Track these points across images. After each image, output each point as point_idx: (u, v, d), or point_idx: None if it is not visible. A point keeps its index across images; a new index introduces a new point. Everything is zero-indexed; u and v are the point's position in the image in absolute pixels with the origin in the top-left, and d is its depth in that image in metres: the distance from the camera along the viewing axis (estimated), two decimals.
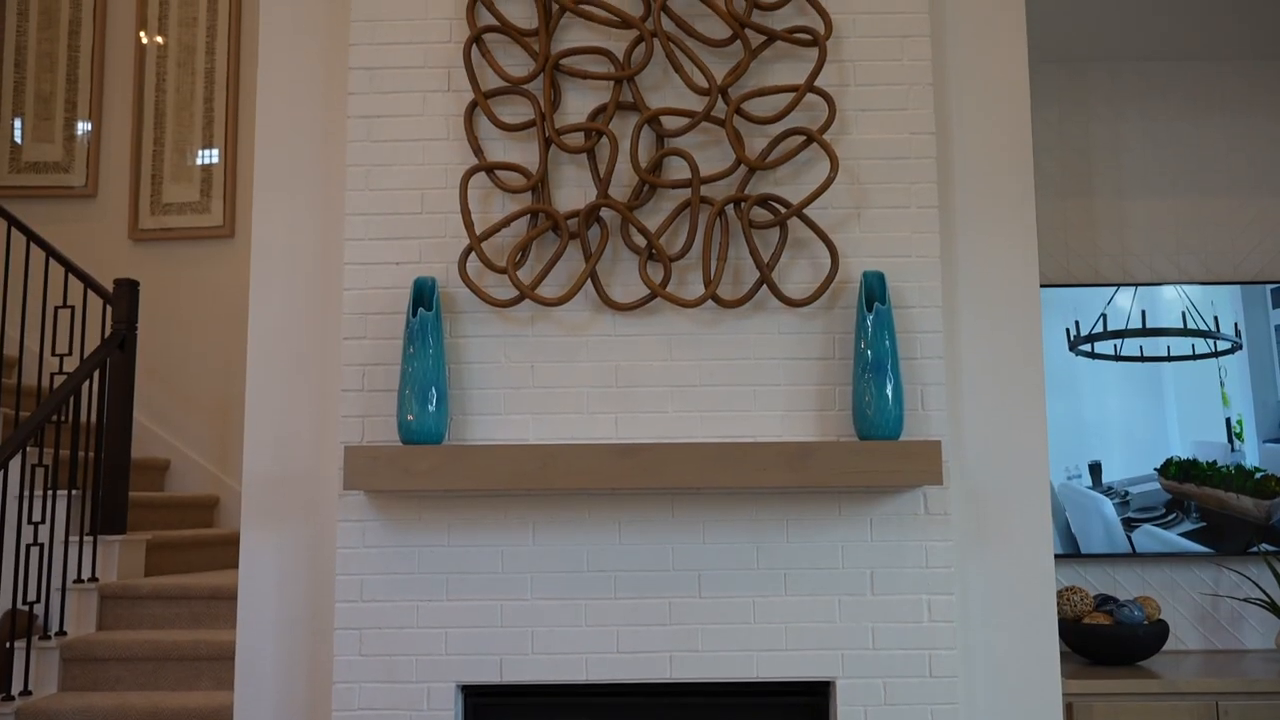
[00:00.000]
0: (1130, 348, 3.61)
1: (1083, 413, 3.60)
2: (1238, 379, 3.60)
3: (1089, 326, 3.62)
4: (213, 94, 4.61)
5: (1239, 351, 3.59)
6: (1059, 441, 3.59)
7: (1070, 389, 3.61)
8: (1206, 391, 3.60)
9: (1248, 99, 3.75)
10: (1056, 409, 3.60)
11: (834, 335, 2.82)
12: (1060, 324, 3.62)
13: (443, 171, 2.87)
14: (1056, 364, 3.61)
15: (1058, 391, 3.61)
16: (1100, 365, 3.61)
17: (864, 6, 2.93)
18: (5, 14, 4.70)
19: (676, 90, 2.89)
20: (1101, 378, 3.61)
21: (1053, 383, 3.60)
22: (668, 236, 2.85)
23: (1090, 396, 3.61)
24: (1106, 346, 3.61)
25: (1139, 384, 3.60)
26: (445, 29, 2.91)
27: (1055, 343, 3.62)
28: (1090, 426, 3.60)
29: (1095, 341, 3.61)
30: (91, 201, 4.69)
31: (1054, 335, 3.62)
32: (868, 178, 2.87)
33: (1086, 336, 3.60)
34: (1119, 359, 3.60)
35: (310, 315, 2.95)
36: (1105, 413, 3.61)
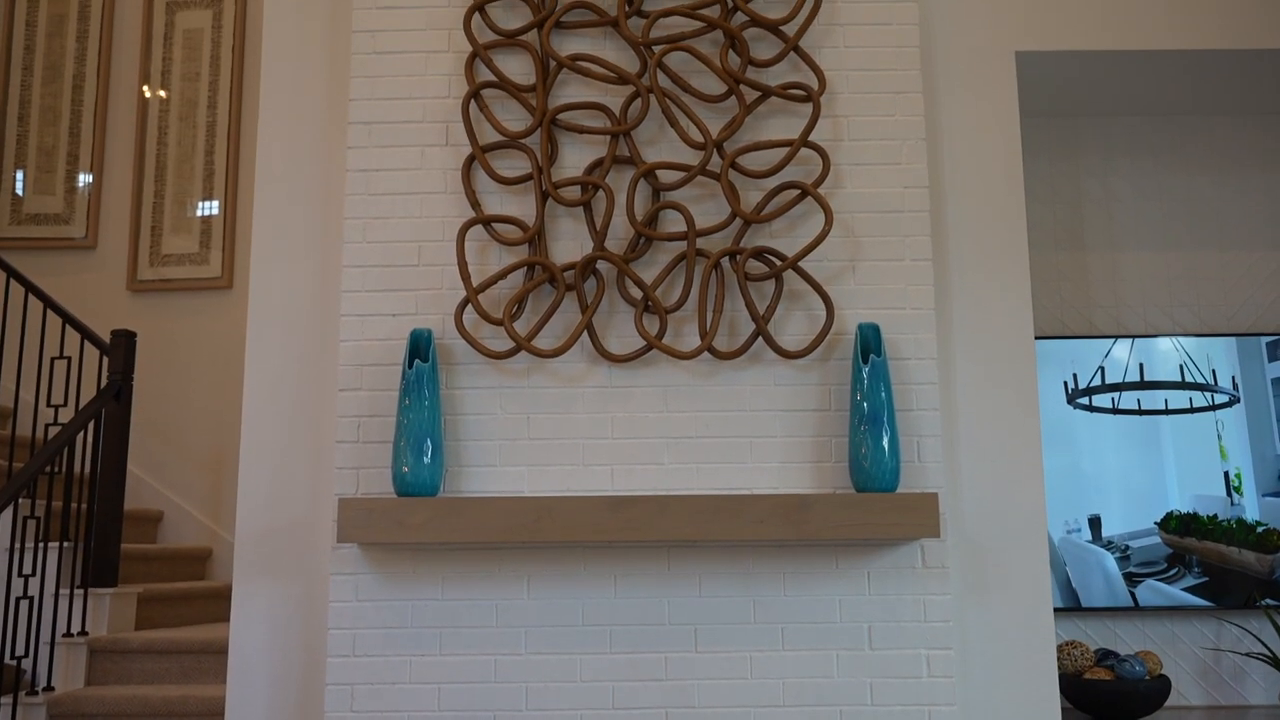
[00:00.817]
0: (1128, 401, 3.61)
1: (1081, 466, 3.59)
2: (1235, 432, 3.60)
3: (1086, 379, 3.62)
4: (214, 147, 4.66)
5: (1236, 405, 3.59)
6: (1058, 495, 3.58)
7: (1068, 442, 3.61)
8: (1204, 445, 3.59)
9: (1237, 153, 3.80)
10: (1055, 462, 3.59)
11: (830, 387, 2.82)
12: (1057, 376, 3.63)
13: (440, 224, 2.89)
14: (1054, 417, 3.61)
15: (1056, 444, 3.60)
16: (1098, 418, 3.61)
17: (857, 63, 2.97)
18: (10, 70, 4.77)
19: (672, 145, 2.92)
20: (1099, 431, 3.61)
21: (1051, 436, 3.60)
22: (664, 289, 2.86)
23: (1088, 450, 3.60)
24: (1105, 399, 3.61)
25: (1137, 437, 3.60)
26: (444, 85, 2.95)
27: (1053, 395, 3.62)
28: (1089, 479, 3.59)
29: (1093, 395, 3.61)
30: (91, 253, 4.72)
31: (1051, 388, 3.62)
32: (862, 230, 2.90)
33: (1084, 389, 3.61)
34: (1117, 412, 3.60)
35: (306, 367, 2.96)
36: (1103, 466, 3.60)
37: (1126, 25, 3.17)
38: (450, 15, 2.98)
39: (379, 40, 2.97)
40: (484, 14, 2.94)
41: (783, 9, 2.97)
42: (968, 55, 3.12)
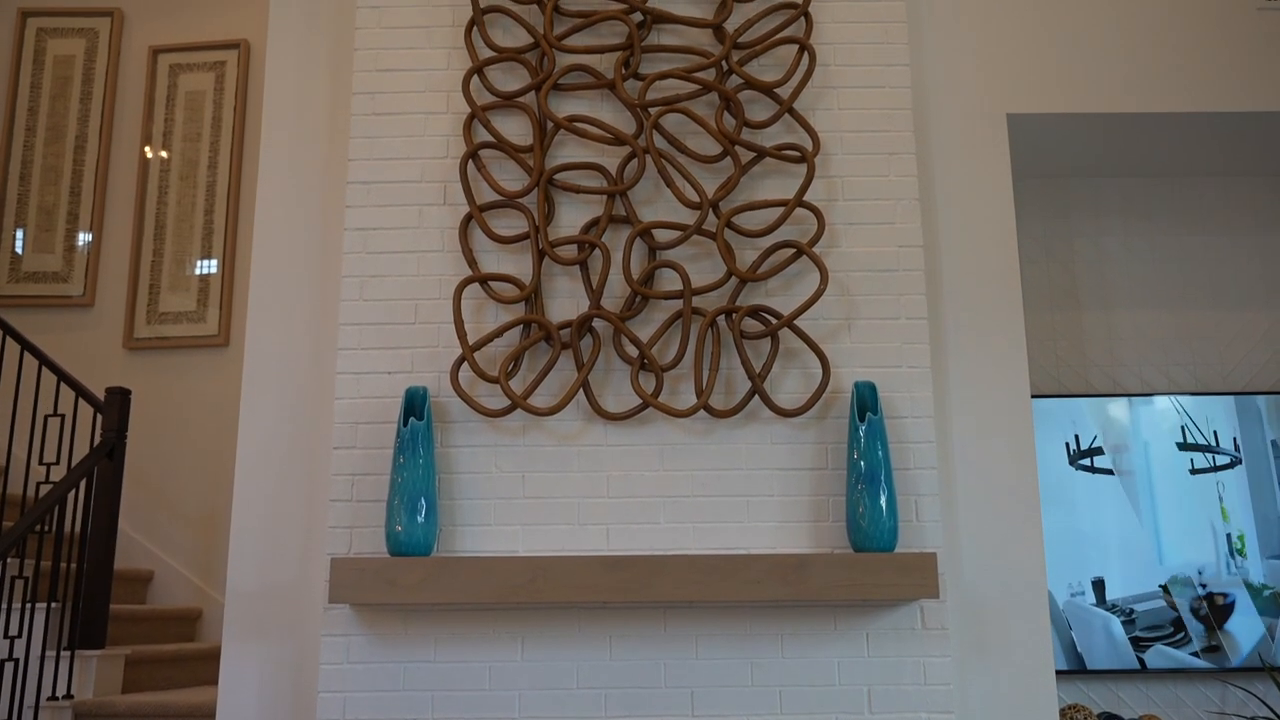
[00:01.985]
0: (1132, 462, 3.60)
1: (1083, 527, 3.57)
2: (1236, 493, 3.58)
3: (1088, 440, 3.61)
4: (213, 206, 4.69)
5: (1238, 466, 3.58)
6: (1061, 556, 3.55)
7: (1070, 503, 3.59)
8: (1206, 506, 3.57)
9: (1228, 214, 3.83)
10: (1057, 523, 3.57)
11: (826, 445, 2.81)
12: (1057, 436, 3.62)
13: (437, 282, 2.90)
14: (1056, 478, 3.59)
15: (1059, 505, 3.58)
16: (1099, 479, 3.60)
17: (851, 125, 3.01)
18: (14, 131, 4.82)
19: (668, 204, 2.94)
20: (1101, 492, 3.59)
21: (1053, 496, 3.58)
22: (660, 347, 2.86)
23: (1089, 510, 3.58)
24: (1106, 460, 3.60)
25: (1139, 499, 3.58)
26: (442, 145, 2.98)
27: (1054, 456, 3.60)
28: (1090, 540, 3.57)
29: (1094, 456, 3.60)
30: (89, 310, 4.73)
31: (1052, 448, 3.61)
32: (857, 289, 2.91)
33: (1086, 450, 3.60)
34: (1117, 473, 3.59)
35: (300, 424, 2.94)
36: (1105, 527, 3.57)
37: (1116, 88, 3.21)
38: (449, 78, 3.02)
39: (378, 102, 3.00)
40: (482, 76, 2.98)
41: (777, 72, 3.02)
42: (960, 117, 3.16)
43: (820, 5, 3.06)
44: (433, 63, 3.03)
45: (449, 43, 3.04)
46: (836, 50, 3.04)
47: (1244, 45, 3.26)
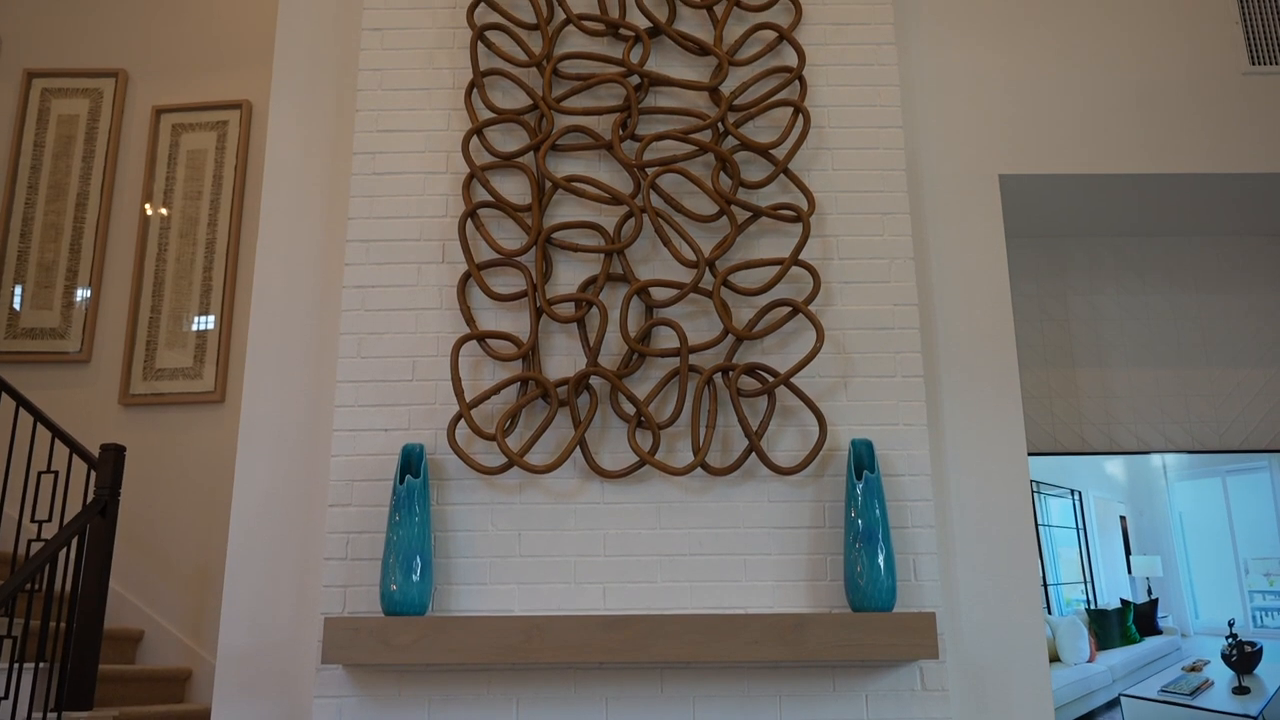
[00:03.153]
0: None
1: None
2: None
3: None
4: (212, 263, 4.72)
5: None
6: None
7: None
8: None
9: (1220, 273, 3.87)
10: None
11: (824, 503, 2.80)
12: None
13: (435, 340, 2.91)
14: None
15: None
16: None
17: (845, 185, 3.04)
18: (16, 188, 4.86)
19: (665, 262, 2.96)
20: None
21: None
22: (656, 404, 2.86)
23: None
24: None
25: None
26: (442, 204, 3.01)
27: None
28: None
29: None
30: (85, 367, 4.72)
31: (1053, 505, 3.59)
32: (853, 347, 2.92)
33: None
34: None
35: (296, 482, 2.93)
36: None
37: (1105, 150, 3.26)
38: (449, 138, 3.06)
39: (379, 161, 3.04)
40: (482, 137, 3.03)
41: (772, 133, 3.06)
42: (953, 178, 3.20)
43: (814, 69, 3.12)
44: (433, 123, 3.07)
45: (449, 104, 3.08)
46: (830, 112, 3.10)
47: (1230, 108, 3.31)
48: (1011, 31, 3.36)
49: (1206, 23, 3.40)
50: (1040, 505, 3.53)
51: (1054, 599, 3.46)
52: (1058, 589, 3.48)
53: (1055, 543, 3.52)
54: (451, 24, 3.15)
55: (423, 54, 3.13)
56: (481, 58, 3.10)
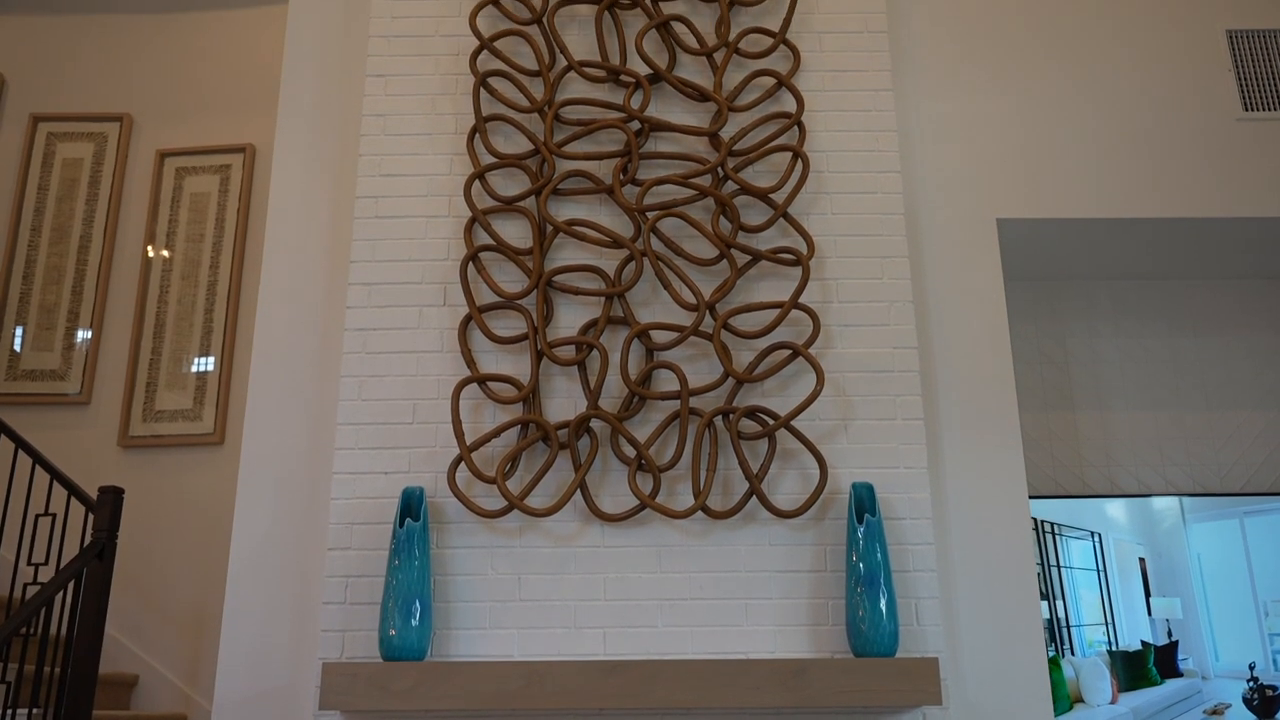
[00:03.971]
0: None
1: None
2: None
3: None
4: (213, 305, 4.73)
5: None
6: None
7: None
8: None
9: (1217, 316, 3.88)
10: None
11: (825, 547, 2.79)
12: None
13: (435, 383, 2.91)
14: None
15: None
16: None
17: (844, 229, 3.07)
18: (19, 231, 4.88)
19: (665, 306, 2.98)
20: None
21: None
22: (657, 447, 2.86)
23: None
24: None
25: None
26: (444, 248, 3.03)
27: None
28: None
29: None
30: (85, 408, 4.71)
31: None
32: (853, 390, 2.93)
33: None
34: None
35: (295, 525, 2.92)
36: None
37: (1102, 194, 3.29)
38: (451, 183, 3.08)
39: (381, 205, 3.06)
40: (484, 182, 3.05)
41: (771, 178, 3.09)
42: (951, 222, 3.22)
43: (813, 115, 3.15)
44: (435, 168, 3.10)
45: (451, 149, 3.11)
46: (829, 157, 3.13)
47: (1224, 154, 3.35)
48: (1007, 78, 3.40)
49: (1200, 70, 3.44)
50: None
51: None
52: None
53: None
54: (454, 70, 3.19)
55: (426, 100, 3.16)
56: (484, 103, 3.13)
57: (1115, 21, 3.48)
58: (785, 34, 3.20)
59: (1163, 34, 3.48)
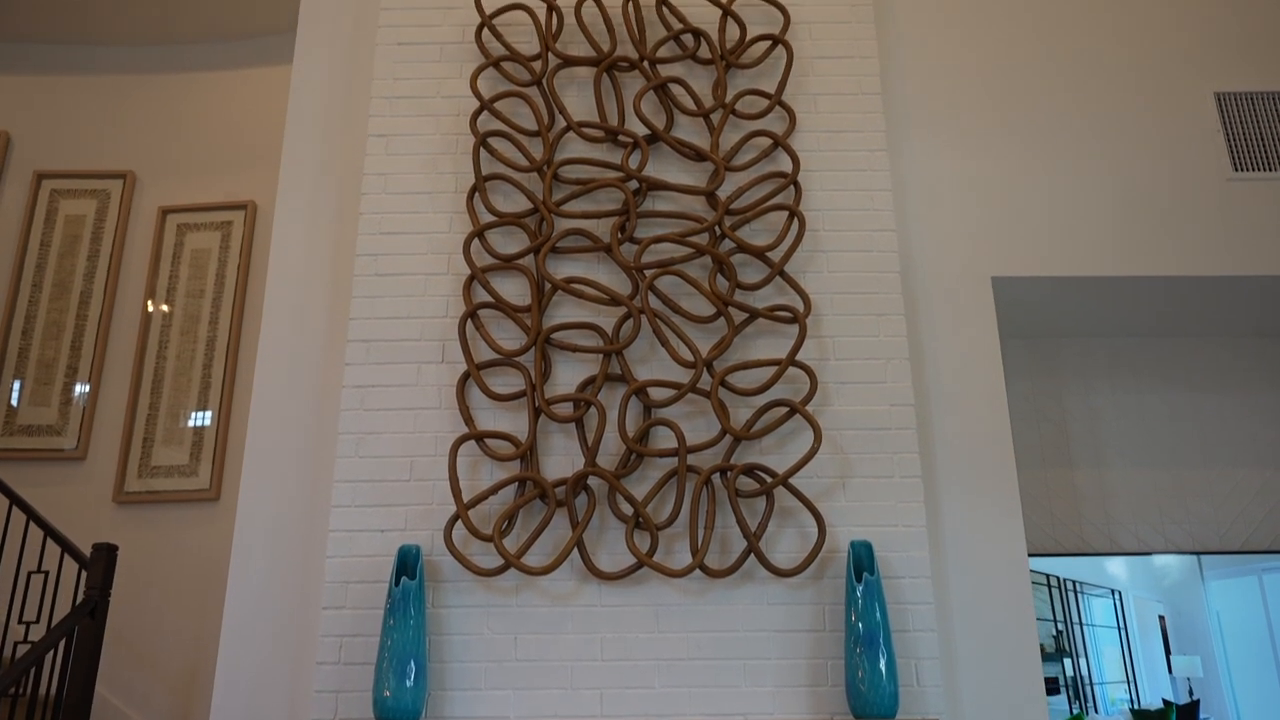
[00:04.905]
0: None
1: None
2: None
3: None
4: (212, 360, 4.74)
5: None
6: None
7: None
8: None
9: (1213, 374, 3.90)
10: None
11: (824, 606, 2.77)
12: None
13: (433, 440, 2.91)
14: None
15: None
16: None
17: (841, 286, 3.09)
18: (20, 286, 4.91)
19: (663, 363, 2.99)
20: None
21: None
22: (655, 505, 2.85)
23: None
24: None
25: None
26: (442, 305, 3.05)
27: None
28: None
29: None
30: (80, 464, 4.70)
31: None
32: (851, 448, 2.92)
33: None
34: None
35: (289, 583, 2.89)
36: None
37: (1095, 253, 3.32)
38: (451, 241, 3.11)
39: (381, 263, 3.08)
40: (483, 239, 3.08)
41: (768, 236, 3.12)
42: (946, 280, 3.25)
43: (809, 174, 3.19)
44: (435, 226, 3.13)
45: (451, 208, 3.14)
46: (825, 216, 3.16)
47: (1215, 213, 3.38)
48: (1001, 139, 3.45)
49: (1190, 131, 3.50)
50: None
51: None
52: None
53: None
54: (455, 130, 3.23)
55: (426, 159, 3.20)
56: (483, 163, 3.17)
57: (1106, 84, 3.54)
58: (781, 96, 3.25)
59: (1153, 96, 3.54)
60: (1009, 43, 3.58)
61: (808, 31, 3.37)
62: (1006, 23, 3.60)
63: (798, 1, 3.39)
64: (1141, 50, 3.59)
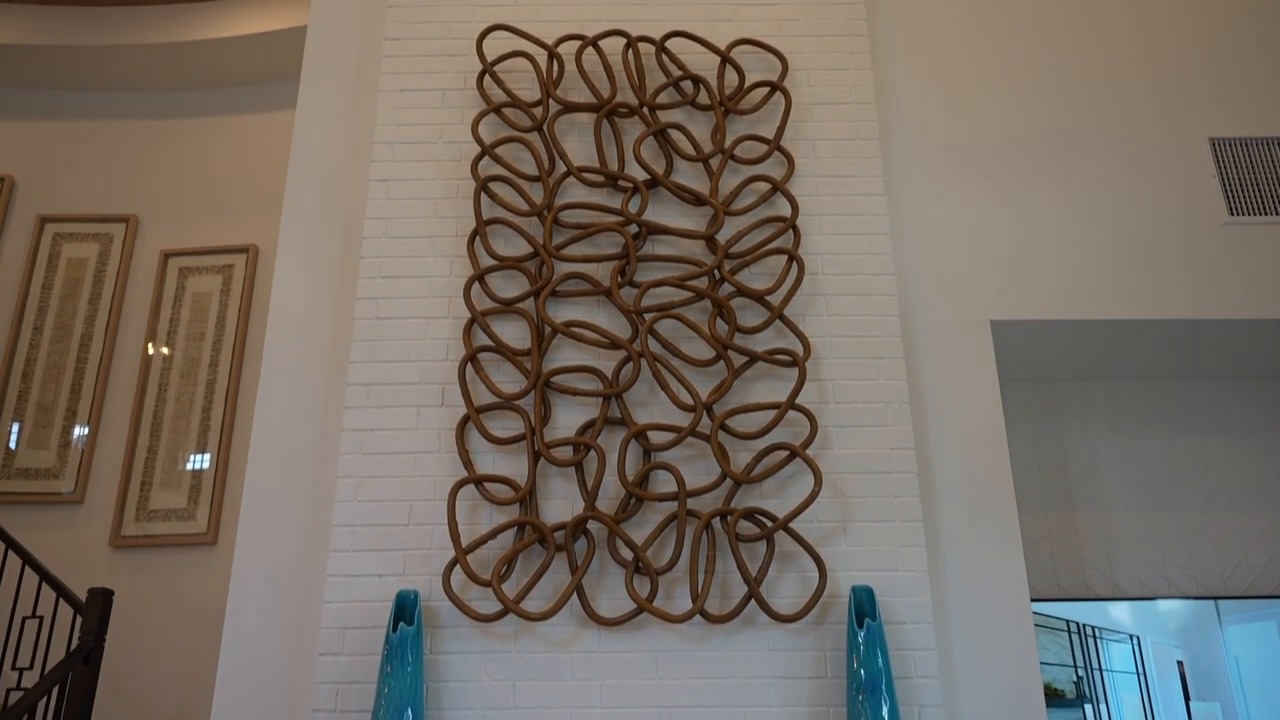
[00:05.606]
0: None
1: None
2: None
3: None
4: (211, 403, 4.74)
5: None
6: None
7: None
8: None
9: (1215, 417, 3.89)
10: None
11: (825, 653, 2.74)
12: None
13: (432, 484, 2.90)
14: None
15: None
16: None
17: (840, 330, 3.09)
18: (21, 330, 4.92)
19: (663, 407, 2.98)
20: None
21: None
22: (655, 549, 2.83)
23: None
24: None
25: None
26: (442, 349, 3.05)
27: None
28: None
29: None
30: (78, 508, 4.68)
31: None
32: (852, 491, 2.91)
33: None
34: None
35: (286, 629, 2.87)
36: None
37: (1093, 296, 3.33)
38: (451, 284, 3.12)
39: (382, 307, 3.09)
40: (483, 283, 3.09)
41: (767, 280, 3.13)
42: (945, 324, 3.25)
43: (807, 218, 3.21)
44: (436, 270, 3.14)
45: (452, 252, 3.16)
46: (824, 260, 3.17)
47: (1211, 257, 3.40)
48: (998, 183, 3.47)
49: (1186, 175, 3.52)
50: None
51: None
52: None
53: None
54: (456, 176, 3.26)
55: (427, 204, 3.22)
56: (484, 207, 3.19)
57: (1102, 129, 3.58)
58: (779, 141, 3.28)
59: (1148, 141, 3.57)
60: (1006, 88, 3.62)
61: (806, 78, 3.40)
62: (1003, 69, 3.65)
63: (796, 49, 3.43)
64: (1137, 96, 3.63)
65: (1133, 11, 3.77)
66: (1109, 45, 3.71)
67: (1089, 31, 3.73)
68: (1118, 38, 3.72)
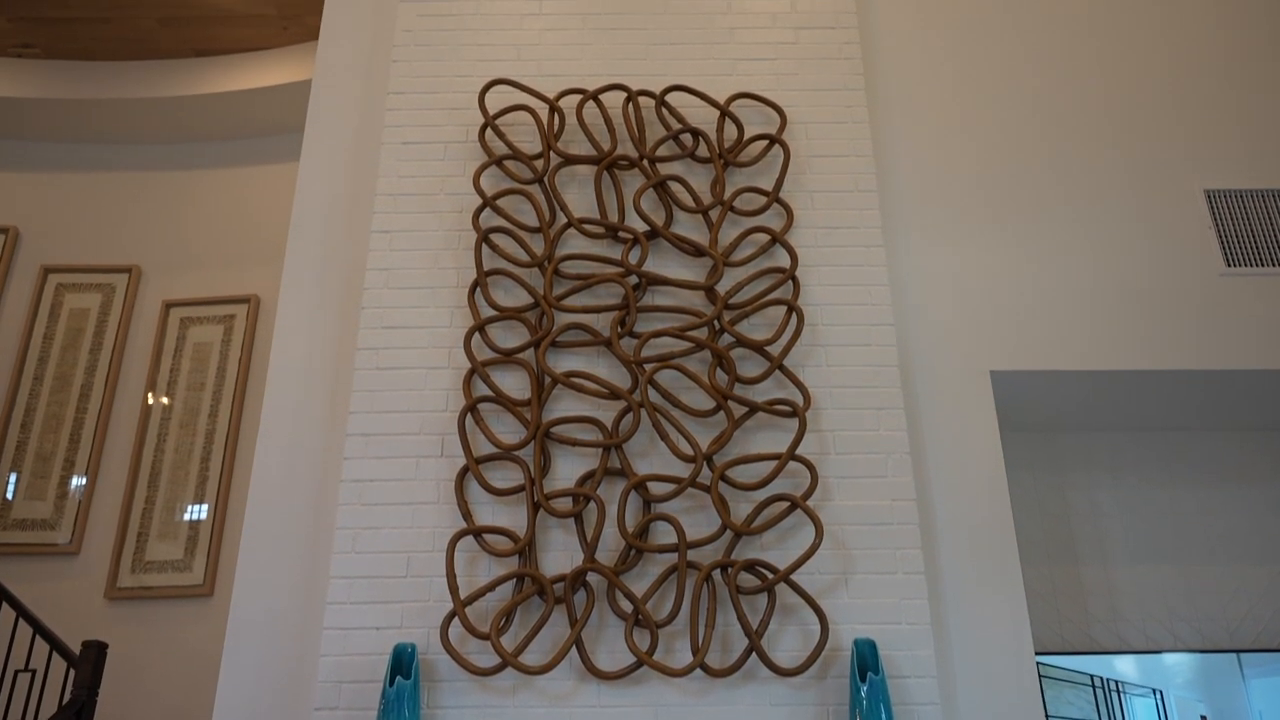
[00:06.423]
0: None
1: None
2: None
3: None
4: (210, 453, 4.72)
5: None
6: None
7: None
8: None
9: (1217, 468, 3.87)
10: None
11: (828, 708, 2.71)
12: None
13: (431, 535, 2.88)
14: None
15: None
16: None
17: (840, 380, 3.09)
18: (22, 380, 4.92)
19: (663, 457, 2.97)
20: None
21: None
22: (655, 601, 2.81)
23: None
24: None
25: None
26: (442, 399, 3.05)
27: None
28: None
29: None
30: (74, 559, 4.64)
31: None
32: (853, 543, 2.89)
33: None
34: None
35: (282, 682, 2.83)
36: None
37: (1092, 347, 3.34)
38: (452, 335, 3.13)
39: (382, 357, 3.10)
40: (484, 334, 3.10)
41: (767, 331, 3.14)
42: (945, 374, 3.25)
43: (806, 269, 3.23)
44: (437, 320, 3.15)
45: (452, 302, 3.17)
46: (823, 310, 3.18)
47: (1208, 308, 3.41)
48: (997, 235, 3.50)
49: (1182, 227, 3.55)
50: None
51: None
52: None
53: None
54: (457, 227, 3.28)
55: (429, 254, 3.24)
56: (485, 258, 3.21)
57: (1100, 181, 3.61)
58: (778, 193, 3.31)
59: (1145, 193, 3.60)
60: (1004, 141, 3.65)
61: (804, 131, 3.44)
62: (1002, 122, 3.69)
63: (794, 102, 3.47)
64: (1133, 149, 3.67)
65: (1128, 66, 3.82)
66: (1105, 98, 3.76)
67: (1084, 85, 3.78)
68: (1113, 91, 3.77)
